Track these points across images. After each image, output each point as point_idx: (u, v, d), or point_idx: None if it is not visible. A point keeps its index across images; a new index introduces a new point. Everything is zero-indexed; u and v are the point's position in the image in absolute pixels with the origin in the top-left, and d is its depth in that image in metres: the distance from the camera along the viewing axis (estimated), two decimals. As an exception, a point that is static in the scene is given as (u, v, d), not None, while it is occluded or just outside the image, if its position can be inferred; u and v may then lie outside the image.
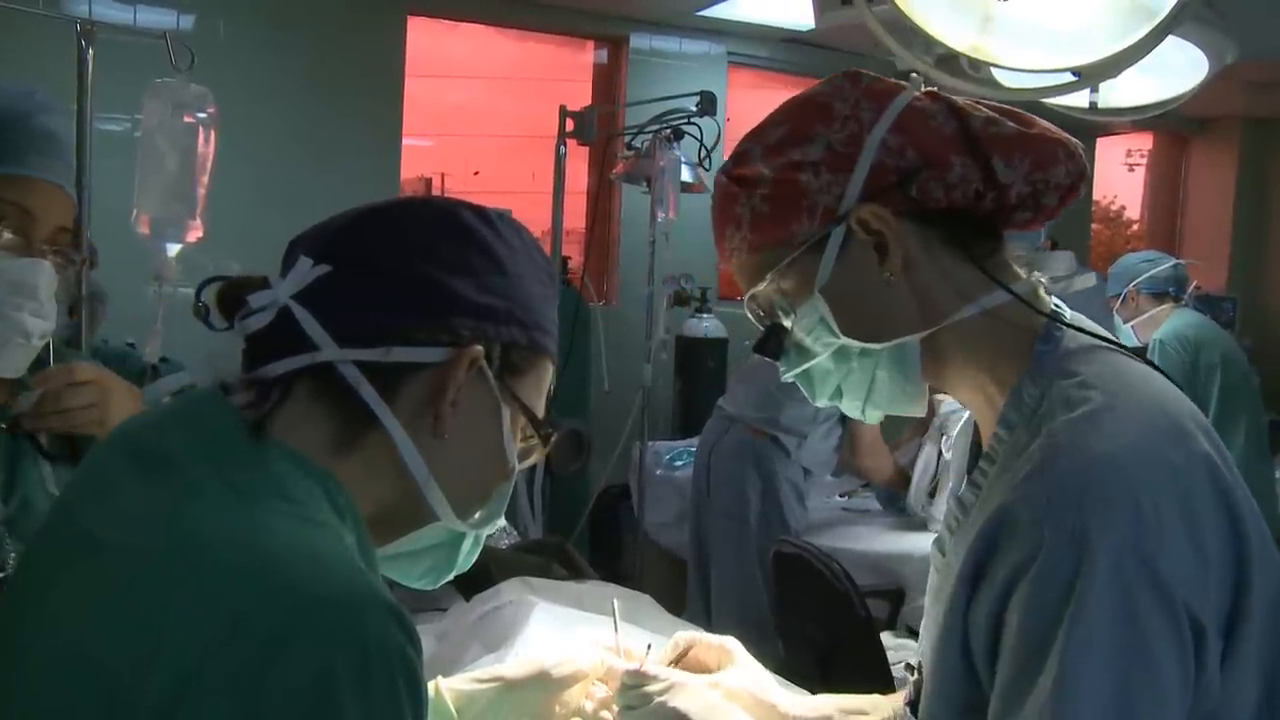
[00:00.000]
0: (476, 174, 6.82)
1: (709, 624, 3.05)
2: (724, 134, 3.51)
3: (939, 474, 3.06)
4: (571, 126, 3.59)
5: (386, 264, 0.81)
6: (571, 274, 4.42)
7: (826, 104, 0.96)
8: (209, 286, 0.82)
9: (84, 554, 0.72)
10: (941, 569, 0.96)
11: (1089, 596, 0.75)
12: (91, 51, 1.82)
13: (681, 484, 3.68)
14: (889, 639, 2.54)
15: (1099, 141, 6.47)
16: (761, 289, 0.99)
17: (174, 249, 1.71)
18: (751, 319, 1.03)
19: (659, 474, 3.82)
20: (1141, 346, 3.77)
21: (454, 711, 1.10)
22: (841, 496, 3.61)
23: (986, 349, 0.94)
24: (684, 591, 3.47)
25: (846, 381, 0.99)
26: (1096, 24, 1.15)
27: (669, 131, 3.29)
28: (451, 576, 0.90)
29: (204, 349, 0.83)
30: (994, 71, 1.24)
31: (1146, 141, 6.99)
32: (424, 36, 4.82)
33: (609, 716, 1.15)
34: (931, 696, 0.90)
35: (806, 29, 4.87)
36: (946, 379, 0.98)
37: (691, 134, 3.34)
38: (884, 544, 3.05)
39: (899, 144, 0.93)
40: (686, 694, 1.11)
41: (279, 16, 4.27)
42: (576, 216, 4.78)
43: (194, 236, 1.72)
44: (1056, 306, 0.96)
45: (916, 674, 0.97)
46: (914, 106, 0.95)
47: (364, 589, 0.68)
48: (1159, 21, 1.11)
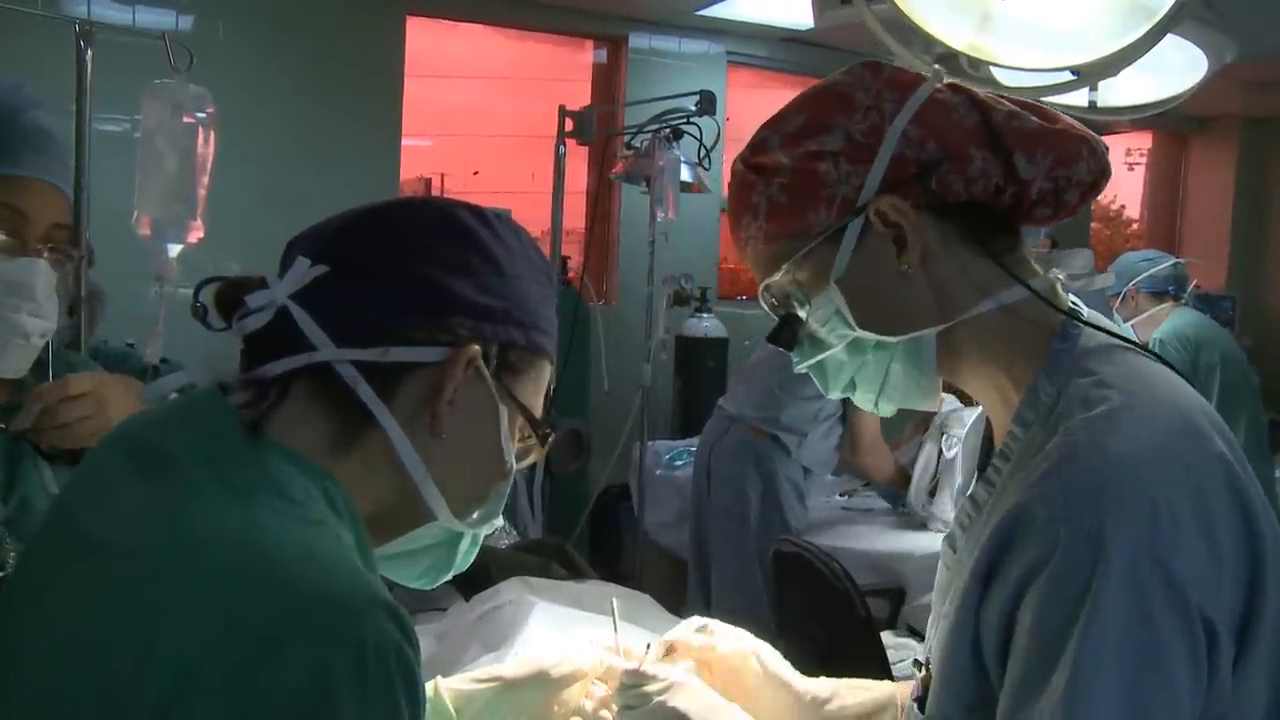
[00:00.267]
0: (476, 174, 6.82)
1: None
2: (723, 133, 3.51)
3: (939, 473, 3.06)
4: (571, 126, 3.59)
5: (384, 264, 0.81)
6: (571, 274, 4.41)
7: (847, 94, 0.95)
8: (207, 287, 0.82)
9: (83, 553, 0.73)
10: (952, 565, 0.95)
11: (1104, 597, 0.75)
12: (90, 52, 1.82)
13: (681, 484, 3.67)
14: (889, 638, 2.53)
15: (1098, 140, 6.46)
16: (777, 279, 0.97)
17: (174, 249, 1.70)
18: (766, 309, 1.02)
19: (659, 474, 3.81)
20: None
21: (453, 711, 1.10)
22: (842, 496, 3.60)
23: (1002, 345, 0.94)
24: (684, 591, 3.47)
25: (860, 374, 0.98)
26: (1095, 23, 1.15)
27: (668, 131, 3.29)
28: (450, 576, 0.90)
29: (204, 350, 0.83)
30: (993, 70, 1.25)
31: (1146, 141, 6.98)
32: (423, 36, 4.82)
33: (608, 716, 1.15)
34: (940, 693, 0.89)
35: (806, 28, 4.87)
36: (960, 374, 0.97)
37: (691, 134, 3.33)
38: (884, 543, 3.05)
39: (920, 136, 0.92)
40: (686, 694, 1.11)
41: (278, 17, 4.27)
42: (576, 216, 4.77)
43: (194, 237, 1.72)
44: (1074, 304, 0.96)
45: (924, 670, 0.97)
46: (936, 98, 0.94)
47: (362, 588, 0.68)
48: (1158, 20, 1.11)
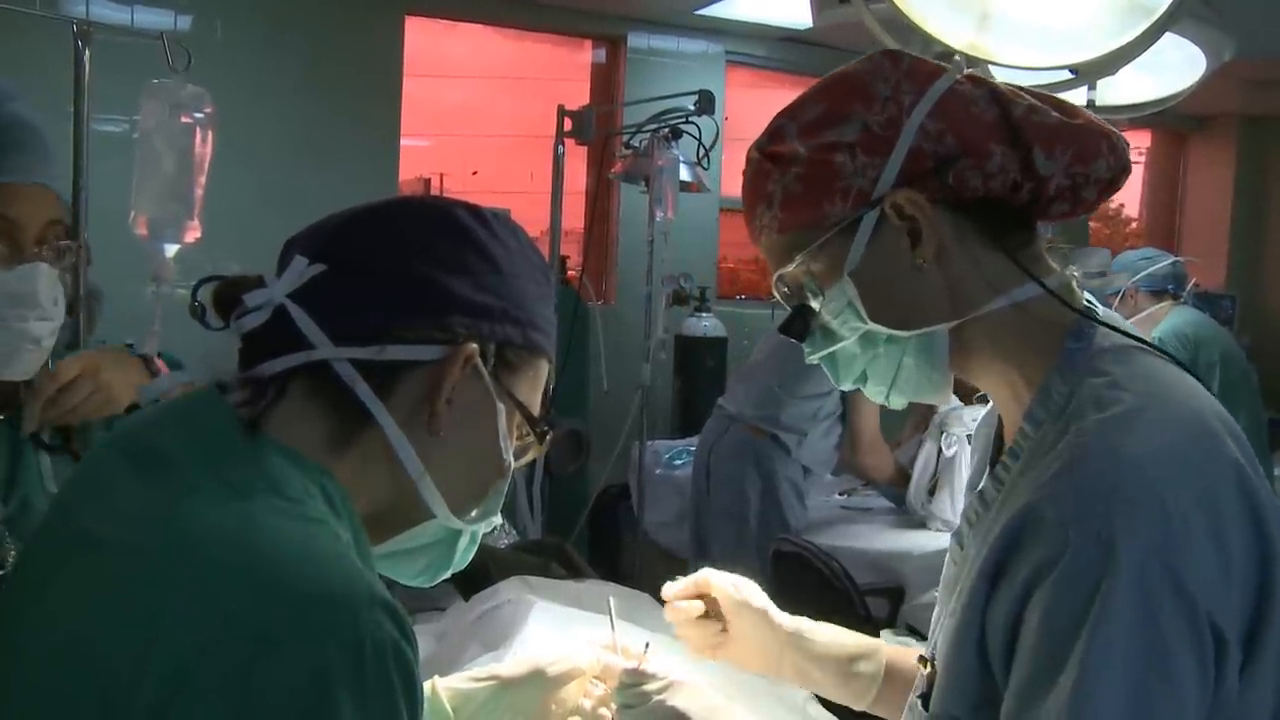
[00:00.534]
0: (475, 174, 6.81)
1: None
2: (722, 133, 3.50)
3: (939, 472, 3.06)
4: (570, 126, 3.58)
5: (382, 263, 0.81)
6: (570, 274, 4.41)
7: (866, 84, 0.93)
8: (205, 286, 0.82)
9: (81, 552, 0.73)
10: (959, 561, 0.95)
11: (1112, 600, 0.74)
12: (88, 52, 1.82)
13: (681, 483, 3.67)
14: (889, 637, 2.53)
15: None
16: (790, 269, 0.96)
17: (172, 250, 1.70)
18: (778, 299, 1.01)
19: (658, 473, 3.81)
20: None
21: (449, 710, 1.11)
22: (841, 495, 3.60)
23: (1015, 342, 0.93)
24: (683, 591, 3.46)
25: (872, 367, 0.98)
26: (1094, 22, 1.15)
27: (667, 131, 3.28)
28: (448, 574, 0.90)
29: (202, 349, 0.83)
30: (992, 69, 1.25)
31: (1145, 139, 6.97)
32: (422, 36, 4.82)
33: (607, 715, 1.15)
34: (944, 690, 0.89)
35: (804, 28, 4.87)
36: (972, 369, 0.97)
37: (690, 133, 3.33)
38: (884, 542, 3.04)
39: (938, 129, 0.90)
40: (685, 693, 1.11)
41: (276, 17, 4.27)
42: (575, 216, 4.78)
43: (192, 237, 1.71)
44: (1089, 303, 0.95)
45: (929, 667, 0.96)
46: (955, 91, 0.92)
47: (360, 586, 0.68)
48: (1156, 19, 1.12)
